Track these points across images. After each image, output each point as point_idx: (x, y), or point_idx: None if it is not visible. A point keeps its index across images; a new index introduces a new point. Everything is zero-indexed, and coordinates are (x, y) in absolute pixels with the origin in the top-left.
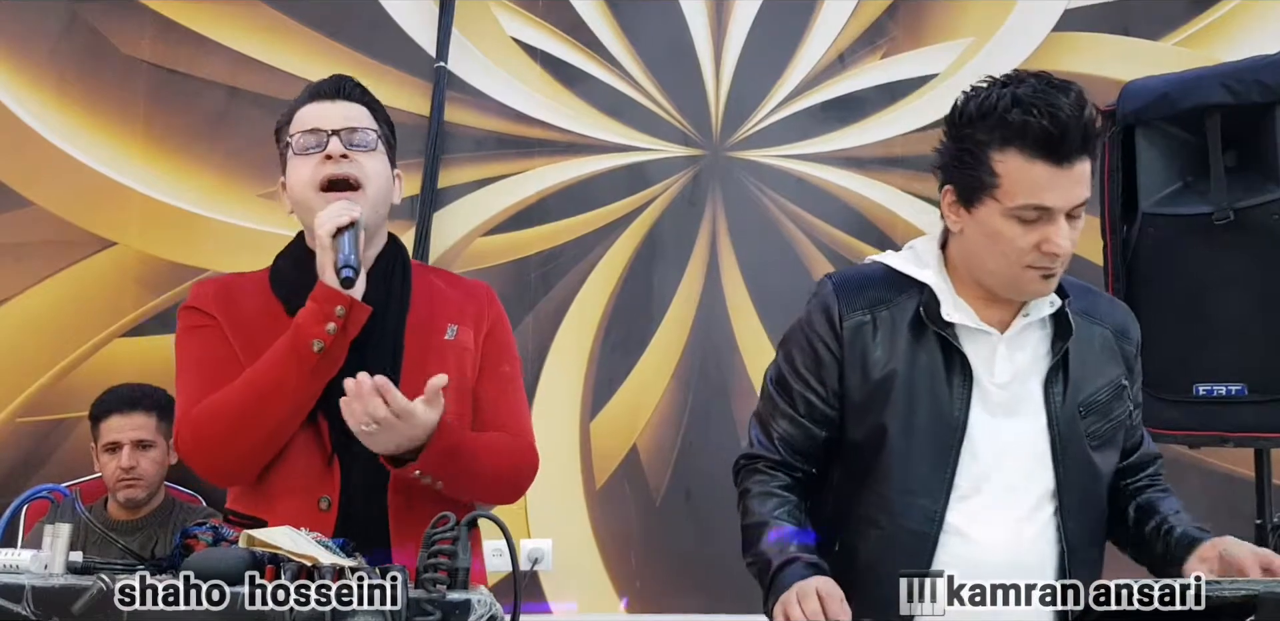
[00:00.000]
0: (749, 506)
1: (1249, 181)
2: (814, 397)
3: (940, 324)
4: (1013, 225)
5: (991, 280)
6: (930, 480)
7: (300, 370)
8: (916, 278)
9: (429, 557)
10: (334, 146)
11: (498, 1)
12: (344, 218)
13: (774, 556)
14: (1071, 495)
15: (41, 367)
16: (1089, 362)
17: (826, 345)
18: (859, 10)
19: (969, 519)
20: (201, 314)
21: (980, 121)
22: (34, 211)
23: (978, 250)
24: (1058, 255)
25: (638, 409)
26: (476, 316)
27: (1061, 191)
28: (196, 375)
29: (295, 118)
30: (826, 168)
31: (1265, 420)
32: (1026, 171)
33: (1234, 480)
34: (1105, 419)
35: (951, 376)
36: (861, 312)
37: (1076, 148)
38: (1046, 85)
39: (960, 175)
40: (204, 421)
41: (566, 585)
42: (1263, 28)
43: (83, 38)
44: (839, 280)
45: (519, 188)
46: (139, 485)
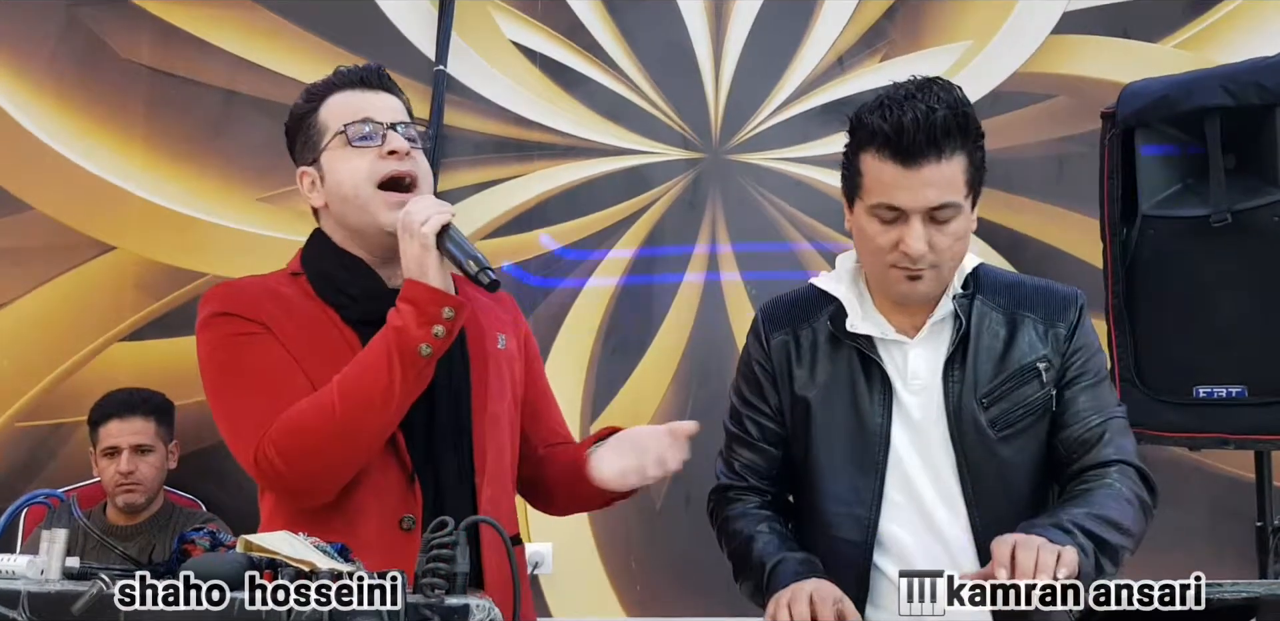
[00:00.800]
0: (729, 531)
1: (1248, 183)
2: (762, 419)
3: (851, 336)
4: (874, 223)
5: (871, 281)
6: (861, 491)
7: (406, 376)
8: (830, 292)
9: (427, 562)
10: (396, 141)
11: (497, 5)
12: (445, 215)
13: (767, 560)
14: (979, 489)
15: (40, 372)
16: (990, 351)
17: (761, 365)
18: (858, 13)
19: (900, 526)
20: (245, 320)
21: (855, 124)
22: (33, 216)
23: (859, 249)
24: (909, 256)
25: (637, 413)
26: (514, 326)
27: (911, 192)
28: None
29: (331, 104)
30: (826, 170)
31: (1265, 422)
32: (878, 171)
33: (1235, 482)
34: (1014, 406)
35: (871, 386)
36: (784, 332)
37: (923, 150)
38: (917, 87)
39: (844, 179)
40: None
41: (567, 589)
42: (1261, 30)
43: (81, 42)
44: (766, 305)
45: (518, 191)
46: (138, 490)
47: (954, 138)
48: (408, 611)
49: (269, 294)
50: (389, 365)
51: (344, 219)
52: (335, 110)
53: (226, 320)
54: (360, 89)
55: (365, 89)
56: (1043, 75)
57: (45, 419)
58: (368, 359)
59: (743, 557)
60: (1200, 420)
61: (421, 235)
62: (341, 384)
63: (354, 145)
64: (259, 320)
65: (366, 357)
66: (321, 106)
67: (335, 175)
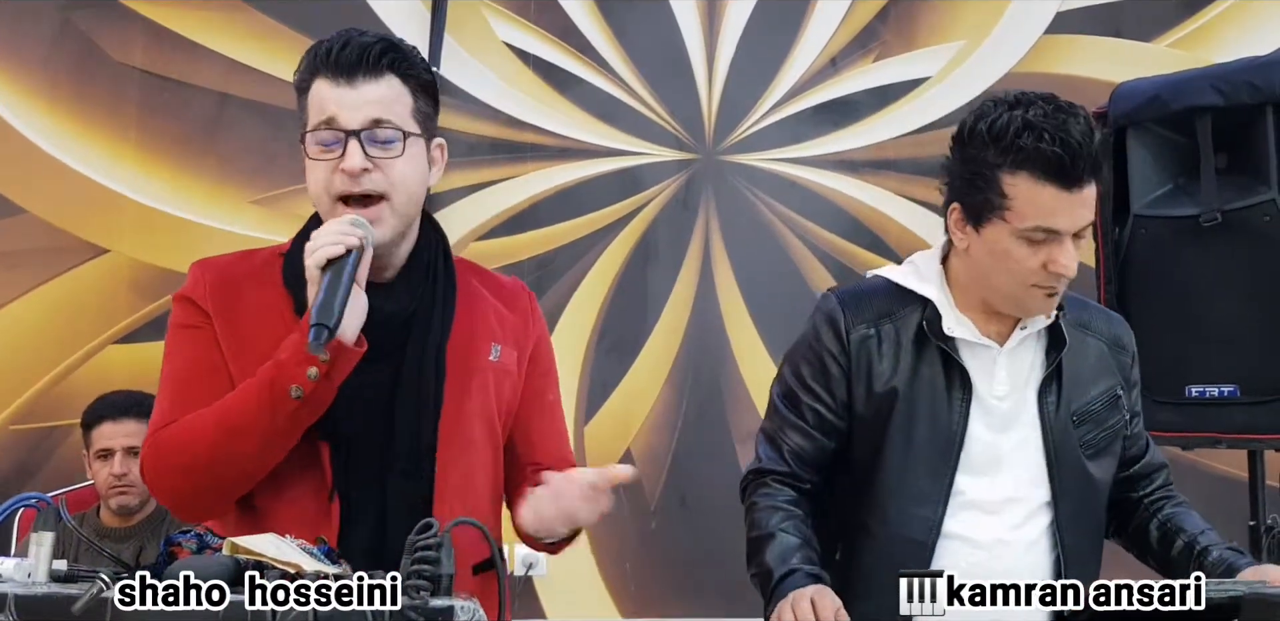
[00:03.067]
0: (755, 519)
1: (1239, 183)
2: (823, 409)
3: (942, 337)
4: (1021, 246)
5: (995, 297)
6: (929, 490)
7: (275, 414)
8: (918, 292)
9: (412, 564)
10: (351, 159)
11: (489, 6)
12: (338, 246)
13: (776, 567)
14: (1067, 504)
15: (34, 375)
16: (1082, 373)
17: (834, 357)
18: (851, 14)
19: (966, 528)
20: (195, 309)
21: (993, 144)
22: (27, 219)
23: (984, 268)
24: (1063, 276)
25: (632, 413)
26: (519, 334)
27: (1070, 215)
28: (172, 387)
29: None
30: (819, 171)
31: (1258, 421)
32: (1037, 195)
33: (1228, 482)
34: (1100, 428)
35: (952, 389)
36: (866, 326)
37: (1086, 173)
38: (1055, 109)
39: (969, 195)
40: (167, 451)
41: (562, 591)
42: (1253, 30)
43: (75, 45)
44: (843, 294)
45: (512, 192)
46: (131, 492)
47: (1100, 162)
48: (392, 613)
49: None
50: (258, 400)
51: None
52: (311, 104)
53: (181, 306)
54: (337, 80)
55: (344, 79)
56: (1036, 75)
57: (39, 422)
58: (248, 388)
59: (757, 552)
60: (1193, 419)
61: (307, 267)
62: (218, 409)
63: (311, 156)
64: (207, 310)
65: (247, 386)
66: (309, 90)
67: (307, 180)
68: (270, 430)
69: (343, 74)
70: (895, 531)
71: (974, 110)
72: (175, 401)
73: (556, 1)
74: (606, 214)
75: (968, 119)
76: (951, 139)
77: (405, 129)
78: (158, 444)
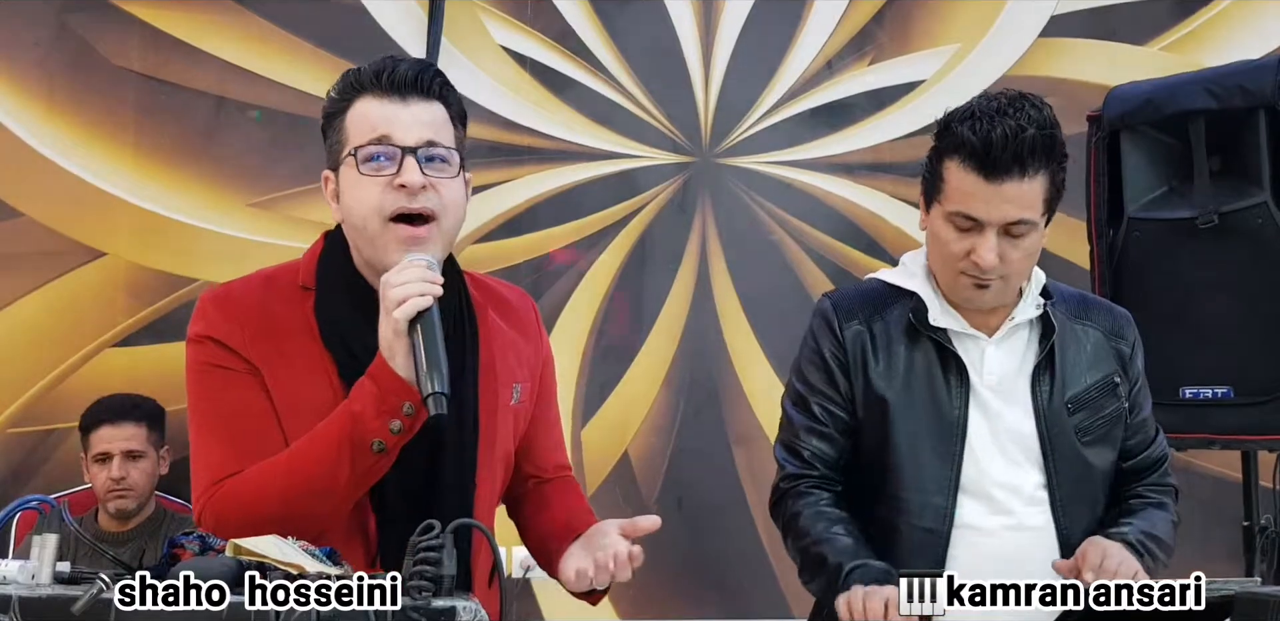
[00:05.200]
0: (802, 527)
1: (1233, 185)
2: (834, 408)
3: (931, 328)
4: (949, 229)
5: (940, 282)
6: (938, 478)
7: (354, 469)
8: (905, 287)
9: (414, 565)
10: (411, 173)
11: (486, 9)
12: (426, 299)
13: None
14: (1064, 489)
15: (32, 378)
16: (1076, 361)
17: (834, 354)
18: (846, 17)
19: (975, 515)
20: (228, 352)
21: (943, 129)
22: (24, 222)
23: (931, 251)
24: (980, 267)
25: (629, 416)
26: (533, 363)
27: (989, 206)
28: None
29: (357, 109)
30: (815, 173)
31: (1251, 422)
32: (960, 180)
33: (1222, 482)
34: (1096, 415)
35: (948, 376)
36: (857, 323)
37: (1007, 167)
38: (1008, 102)
39: (925, 178)
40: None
41: (560, 592)
42: (1247, 33)
43: (71, 48)
44: (836, 296)
45: (509, 195)
46: (129, 495)
47: (1039, 157)
48: (395, 613)
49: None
50: (337, 455)
51: (357, 245)
52: (356, 120)
53: (207, 346)
54: (391, 98)
55: (396, 99)
56: (1030, 78)
57: (36, 425)
58: (320, 442)
59: (817, 559)
60: (1187, 420)
61: (393, 320)
62: (289, 464)
63: (365, 172)
64: (243, 355)
65: (319, 439)
66: (350, 108)
67: (347, 199)
68: (347, 485)
69: (395, 91)
70: (914, 523)
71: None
72: (231, 450)
73: (553, 5)
74: (603, 217)
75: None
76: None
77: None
78: (224, 497)
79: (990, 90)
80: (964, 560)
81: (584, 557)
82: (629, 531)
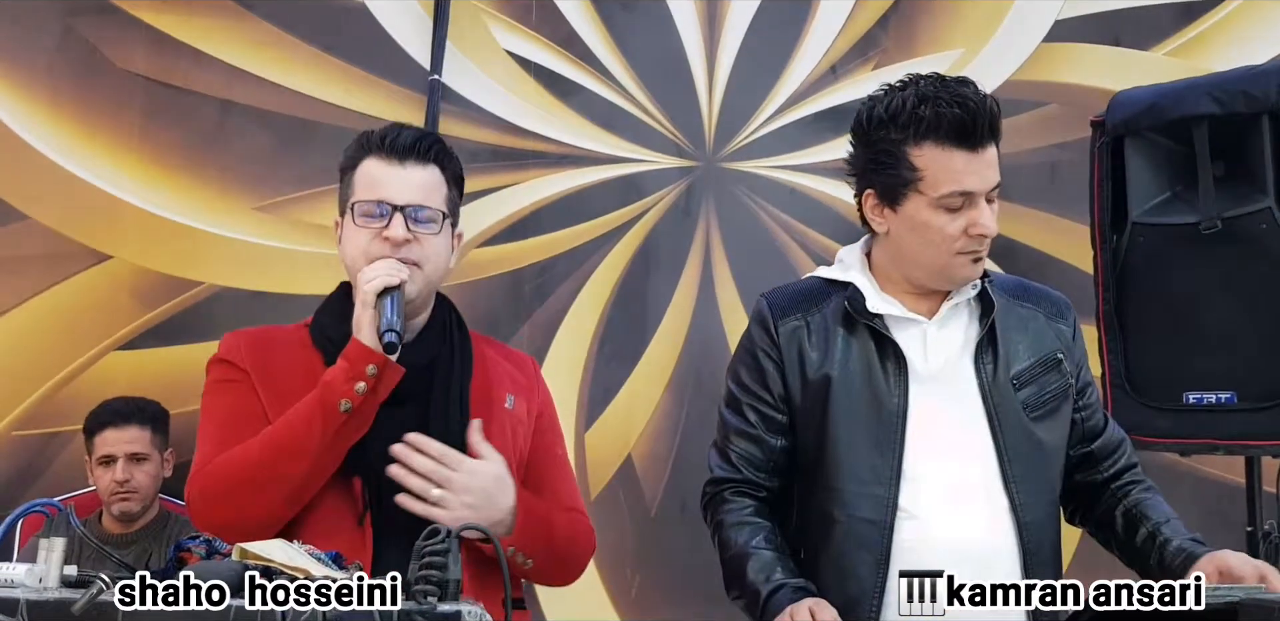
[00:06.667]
0: (725, 538)
1: (1237, 191)
2: (764, 408)
3: (867, 316)
4: (940, 215)
5: (922, 273)
6: (879, 468)
7: (325, 429)
8: (841, 279)
9: (420, 569)
10: (396, 229)
11: (492, 14)
12: (393, 278)
13: (761, 586)
14: (1016, 466)
15: (36, 381)
16: (1019, 339)
17: (766, 353)
18: (851, 21)
19: (919, 502)
20: (232, 367)
21: (891, 122)
22: (29, 225)
23: (907, 245)
24: (985, 237)
25: (632, 419)
26: (529, 390)
27: (979, 176)
28: (217, 430)
29: (363, 168)
30: (819, 178)
31: (1255, 428)
32: (945, 160)
33: (1225, 487)
34: (1042, 391)
35: (886, 364)
36: (794, 317)
37: (985, 133)
38: (943, 81)
39: (879, 176)
40: (217, 476)
41: (562, 595)
42: (1251, 38)
43: (77, 52)
44: (771, 293)
45: (513, 199)
46: (133, 498)
47: (997, 124)
48: (400, 617)
49: (263, 340)
50: (309, 417)
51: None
52: (361, 177)
53: (217, 366)
54: (391, 160)
55: (395, 161)
56: (1035, 83)
57: (41, 428)
58: (296, 410)
59: (737, 574)
60: (1190, 426)
61: (364, 292)
62: (267, 432)
63: (359, 224)
64: (244, 368)
65: (296, 408)
66: (358, 166)
67: (344, 244)
68: (319, 446)
69: (395, 155)
70: (854, 513)
71: (866, 100)
72: (218, 442)
73: (558, 9)
74: (607, 221)
75: (863, 107)
76: (851, 133)
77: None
78: (205, 473)
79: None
80: (909, 547)
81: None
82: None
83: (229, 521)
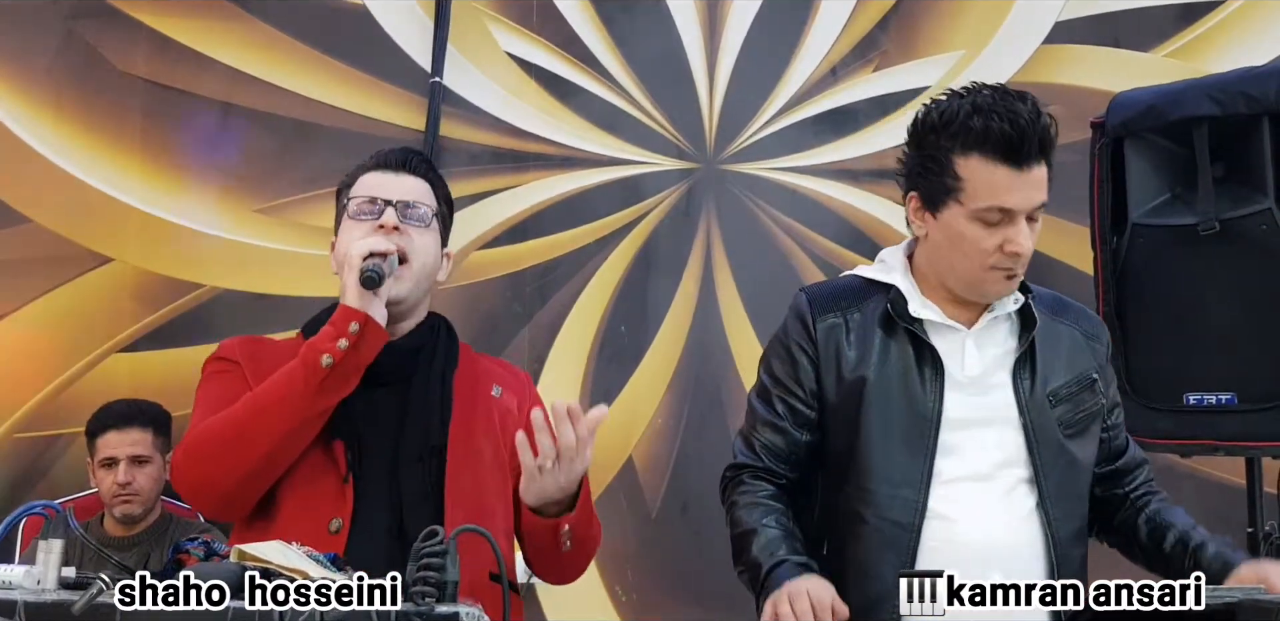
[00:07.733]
0: (736, 517)
1: (1236, 192)
2: (794, 401)
3: (908, 319)
4: (976, 227)
5: (955, 282)
6: (910, 471)
7: (306, 385)
8: (883, 281)
9: (418, 571)
10: (388, 217)
11: (493, 17)
12: (383, 245)
13: (764, 560)
14: (1051, 481)
15: (38, 383)
16: (1056, 355)
17: (802, 348)
18: (851, 23)
19: (950, 505)
20: (225, 361)
21: (943, 129)
22: (31, 228)
23: (943, 253)
24: (1019, 255)
25: (633, 421)
26: (520, 391)
27: (1021, 194)
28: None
29: (358, 183)
30: (820, 180)
31: (1255, 429)
32: (988, 175)
33: (1226, 488)
34: (1077, 409)
35: (923, 369)
36: (834, 315)
37: (1034, 152)
38: (1004, 94)
39: (925, 181)
40: (201, 436)
41: (562, 595)
42: (1251, 40)
43: (79, 55)
44: (811, 289)
45: (514, 201)
46: (135, 500)
47: (1049, 144)
48: (398, 618)
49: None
50: (291, 375)
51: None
52: (358, 187)
53: (213, 362)
54: (384, 171)
55: (388, 171)
56: (1035, 84)
57: (43, 430)
58: (280, 371)
59: (743, 549)
60: (1191, 427)
61: (350, 257)
62: (251, 392)
63: (354, 218)
64: (236, 360)
65: (280, 370)
66: (353, 185)
67: (339, 242)
68: (302, 402)
69: (390, 166)
70: (883, 515)
71: (927, 101)
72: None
73: (559, 12)
74: (608, 223)
75: (920, 111)
76: (906, 132)
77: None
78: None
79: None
80: (937, 549)
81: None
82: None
83: (211, 479)
